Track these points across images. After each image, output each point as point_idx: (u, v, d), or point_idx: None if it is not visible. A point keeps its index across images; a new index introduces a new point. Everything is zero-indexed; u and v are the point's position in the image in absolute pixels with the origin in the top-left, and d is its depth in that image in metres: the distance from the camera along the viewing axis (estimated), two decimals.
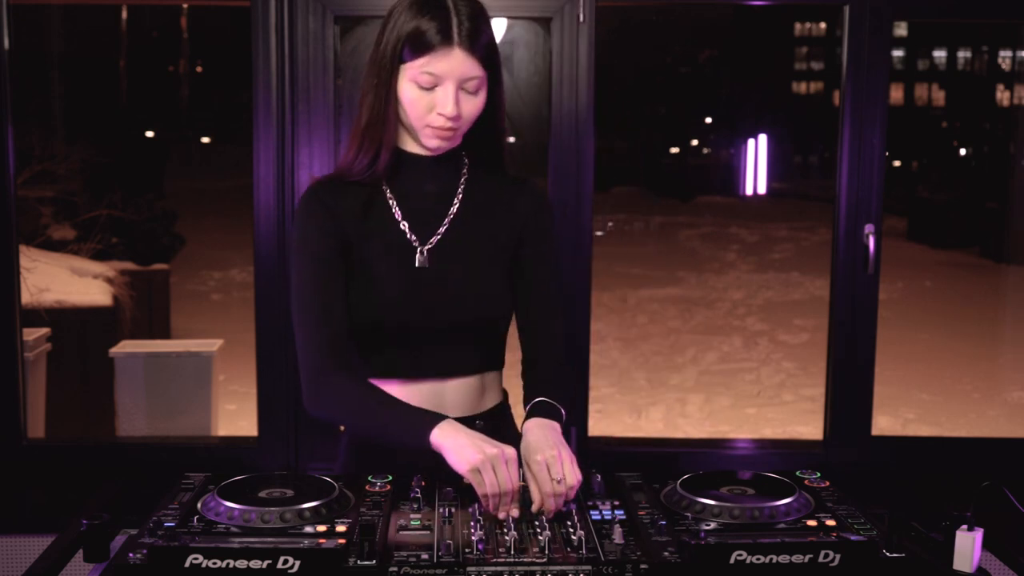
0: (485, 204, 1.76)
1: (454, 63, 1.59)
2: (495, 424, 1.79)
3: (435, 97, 1.62)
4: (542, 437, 1.59)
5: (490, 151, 1.77)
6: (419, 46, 1.59)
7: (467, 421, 1.72)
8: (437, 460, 1.54)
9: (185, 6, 16.85)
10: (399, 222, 1.72)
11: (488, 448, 1.50)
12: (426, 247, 1.72)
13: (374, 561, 1.31)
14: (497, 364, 1.82)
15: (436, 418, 1.57)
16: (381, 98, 1.65)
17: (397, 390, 1.71)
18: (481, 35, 1.61)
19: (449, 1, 1.60)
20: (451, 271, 1.72)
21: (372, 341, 1.72)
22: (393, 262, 1.70)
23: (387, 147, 1.68)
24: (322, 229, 1.69)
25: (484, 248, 1.75)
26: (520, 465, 1.55)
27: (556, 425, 1.66)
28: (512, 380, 1.85)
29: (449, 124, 1.63)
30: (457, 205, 1.74)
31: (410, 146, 1.72)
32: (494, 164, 1.78)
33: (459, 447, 1.51)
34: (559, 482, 1.50)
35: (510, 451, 1.51)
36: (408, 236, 1.72)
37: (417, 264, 1.71)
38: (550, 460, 1.52)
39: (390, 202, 1.72)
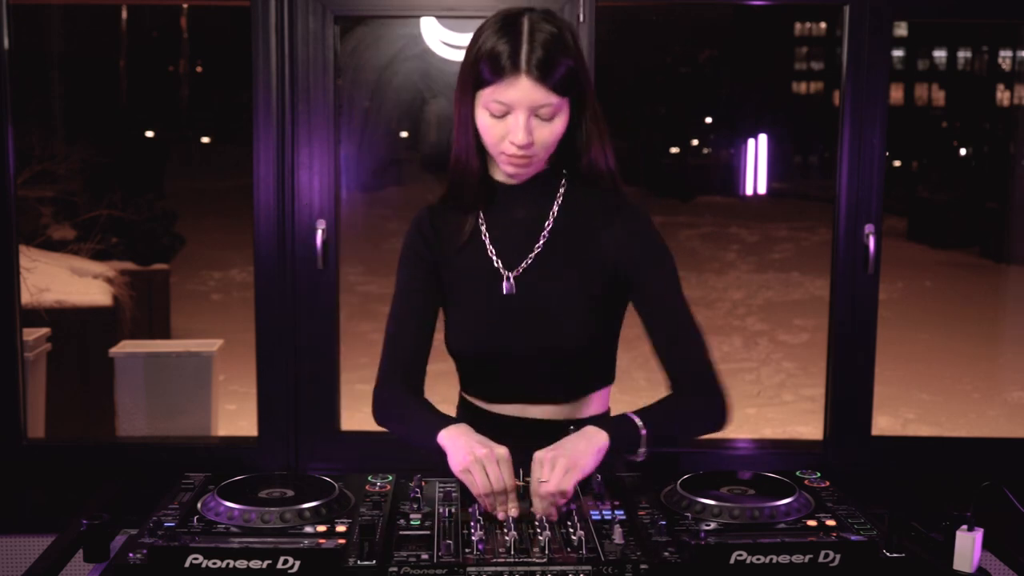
0: (579, 228, 1.72)
1: (522, 92, 1.57)
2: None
3: (507, 125, 1.60)
4: (564, 440, 1.56)
5: (580, 169, 1.72)
6: (491, 69, 1.57)
7: (559, 425, 1.69)
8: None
9: (185, 6, 16.85)
10: (488, 249, 1.73)
11: (478, 449, 1.51)
12: (513, 274, 1.71)
13: (374, 561, 1.31)
14: (589, 388, 1.76)
15: (448, 421, 1.61)
16: (462, 130, 1.66)
17: (482, 411, 1.76)
18: (556, 64, 1.57)
19: (525, 28, 1.57)
20: (537, 299, 1.70)
21: (461, 364, 1.78)
22: (480, 289, 1.72)
23: (472, 174, 1.70)
24: (416, 257, 1.76)
25: (574, 275, 1.71)
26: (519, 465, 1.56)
27: (597, 437, 1.55)
28: (615, 396, 1.82)
29: (521, 152, 1.62)
30: (548, 231, 1.72)
31: (498, 174, 1.72)
32: (591, 181, 1.73)
33: (455, 449, 1.54)
34: (542, 483, 1.49)
35: (500, 450, 1.52)
36: (495, 263, 1.72)
37: (505, 291, 1.71)
38: (542, 459, 1.51)
39: (482, 228, 1.74)
